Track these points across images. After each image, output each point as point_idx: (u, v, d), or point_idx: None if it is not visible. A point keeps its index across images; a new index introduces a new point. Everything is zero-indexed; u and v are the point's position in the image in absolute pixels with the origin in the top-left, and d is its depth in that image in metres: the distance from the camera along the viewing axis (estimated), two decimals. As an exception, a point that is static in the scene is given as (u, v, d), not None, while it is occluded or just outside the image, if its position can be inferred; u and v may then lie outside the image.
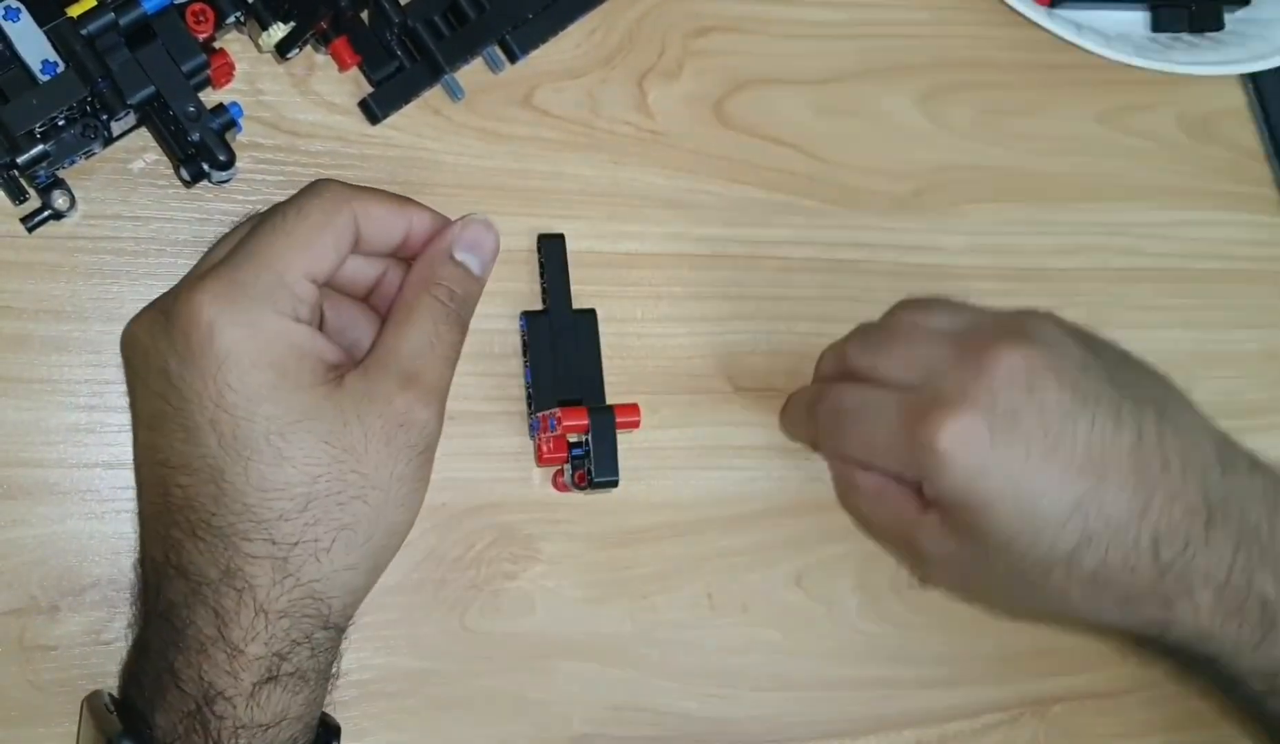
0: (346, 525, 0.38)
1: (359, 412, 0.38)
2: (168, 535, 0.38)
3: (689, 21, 0.52)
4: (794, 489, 0.52)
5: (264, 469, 0.37)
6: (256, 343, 0.37)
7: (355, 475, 0.38)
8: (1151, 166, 0.59)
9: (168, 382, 0.38)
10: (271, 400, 0.37)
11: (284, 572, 0.37)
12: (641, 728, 0.49)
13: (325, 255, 0.39)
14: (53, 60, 0.40)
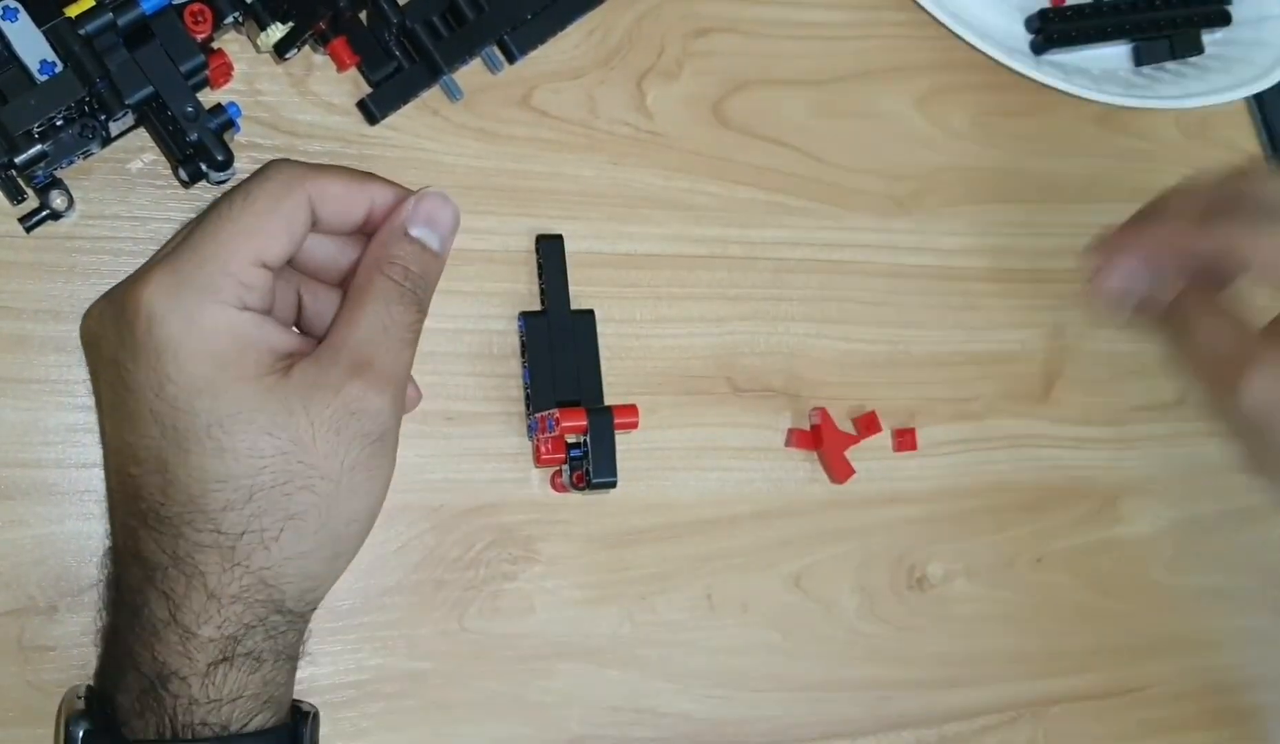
0: (294, 515, 0.37)
1: (305, 402, 0.37)
2: (125, 522, 0.39)
3: (688, 22, 0.52)
4: (793, 490, 0.52)
5: (205, 461, 0.37)
6: (196, 334, 0.37)
7: (301, 465, 0.37)
8: (1150, 167, 0.59)
9: (117, 372, 0.38)
10: (210, 393, 0.37)
11: (232, 560, 0.37)
12: (640, 729, 0.49)
13: (275, 240, 0.38)
14: (51, 60, 0.40)
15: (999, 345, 0.56)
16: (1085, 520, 0.56)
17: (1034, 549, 0.56)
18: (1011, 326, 0.55)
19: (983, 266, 0.55)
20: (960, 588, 0.54)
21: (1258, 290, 0.46)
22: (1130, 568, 0.57)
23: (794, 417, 0.52)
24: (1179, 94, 0.57)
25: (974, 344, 0.55)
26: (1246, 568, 0.59)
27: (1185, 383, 0.51)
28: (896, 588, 0.53)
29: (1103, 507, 0.56)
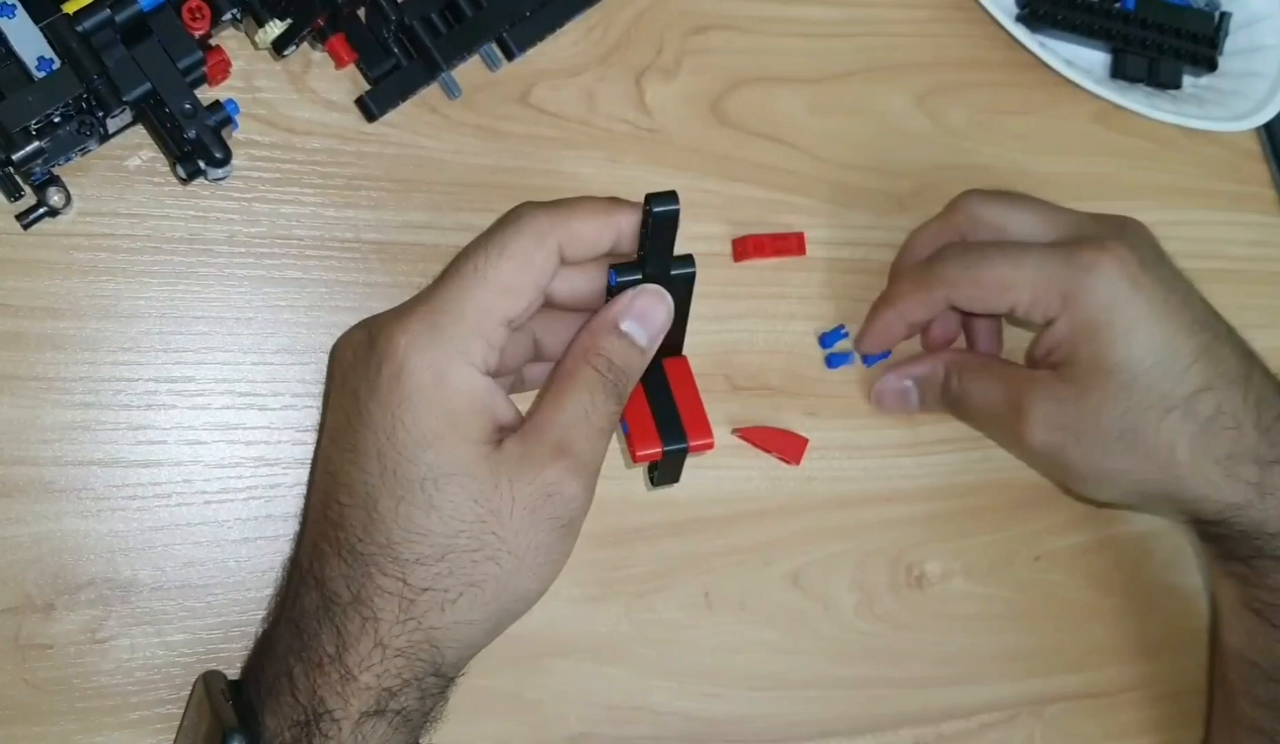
0: (475, 582, 0.39)
1: (511, 476, 0.39)
2: (317, 545, 0.39)
3: (687, 19, 0.52)
4: (791, 488, 0.52)
5: (413, 511, 0.38)
6: (439, 390, 0.38)
7: (494, 537, 0.39)
8: (1149, 166, 0.59)
9: (355, 401, 0.39)
10: (436, 448, 0.38)
11: (409, 613, 0.38)
12: (638, 727, 0.49)
13: (525, 297, 0.40)
14: (48, 57, 0.40)
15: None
16: (1083, 519, 0.56)
17: (1032, 547, 0.56)
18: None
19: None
20: (958, 586, 0.54)
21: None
22: (1128, 566, 0.57)
23: (795, 415, 0.52)
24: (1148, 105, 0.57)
25: (973, 342, 0.55)
26: (1245, 567, 0.59)
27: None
28: (895, 586, 0.53)
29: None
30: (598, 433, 0.40)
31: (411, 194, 0.47)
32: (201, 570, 0.44)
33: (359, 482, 0.38)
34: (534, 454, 0.39)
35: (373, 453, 0.38)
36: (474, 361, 0.38)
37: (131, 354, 0.44)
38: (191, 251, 0.45)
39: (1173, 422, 0.46)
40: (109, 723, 0.43)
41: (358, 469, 0.38)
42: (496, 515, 0.38)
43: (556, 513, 0.39)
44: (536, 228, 0.40)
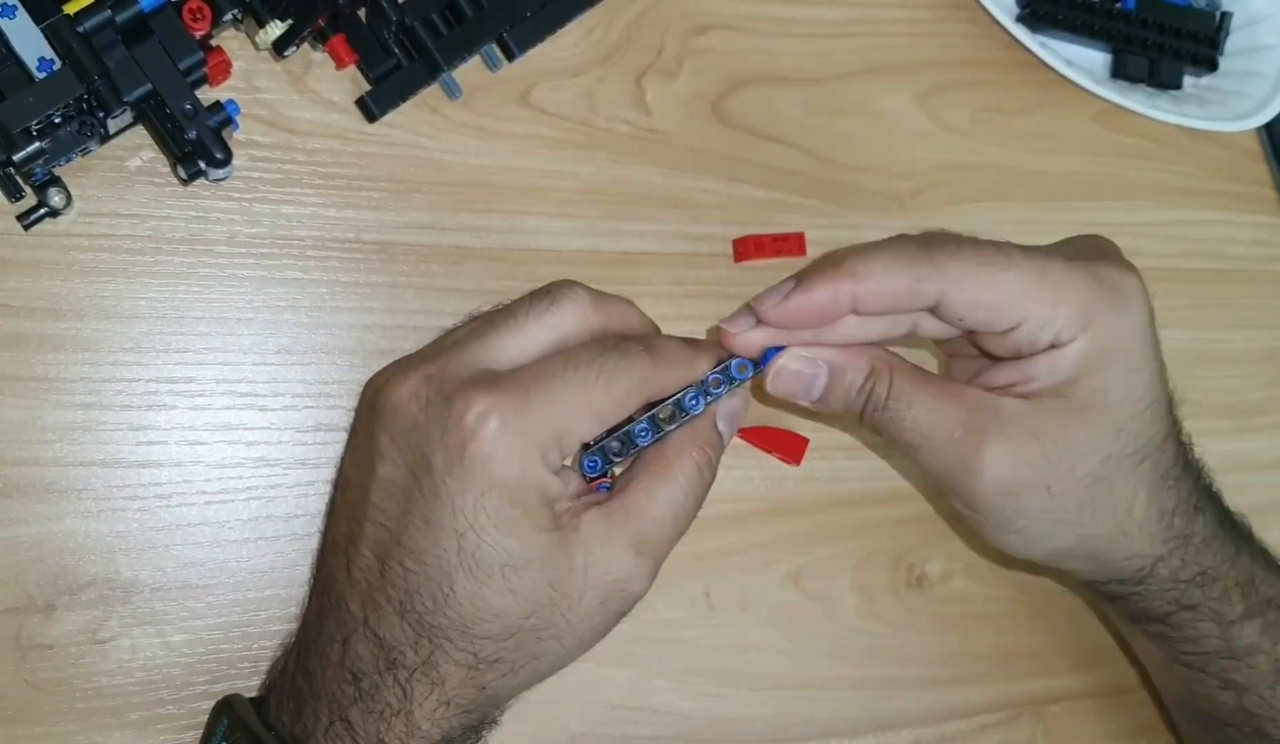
0: (537, 656, 0.40)
1: (588, 562, 0.39)
2: (372, 599, 0.39)
3: (687, 20, 0.52)
4: (792, 488, 0.52)
5: (491, 595, 0.38)
6: (522, 484, 0.38)
7: (562, 619, 0.39)
8: (1149, 166, 0.59)
9: (426, 469, 0.38)
10: (516, 536, 0.38)
11: (475, 681, 0.39)
12: (639, 727, 0.49)
13: (602, 427, 0.40)
14: (49, 57, 0.40)
15: (999, 344, 0.55)
16: (1084, 519, 0.56)
17: (1033, 548, 0.56)
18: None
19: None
20: (959, 586, 0.54)
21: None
22: (1129, 566, 0.57)
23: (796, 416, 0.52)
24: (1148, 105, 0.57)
25: (974, 342, 0.55)
26: (1246, 567, 0.59)
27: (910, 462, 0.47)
28: (896, 586, 0.53)
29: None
30: (677, 532, 0.41)
31: (412, 194, 0.47)
32: (202, 571, 0.44)
33: (432, 555, 0.38)
34: (617, 543, 0.39)
35: (450, 531, 0.38)
36: (549, 464, 0.38)
37: (132, 354, 0.44)
38: (192, 252, 0.45)
39: (1143, 472, 0.42)
40: (109, 723, 0.43)
41: (431, 542, 0.38)
42: (568, 599, 0.39)
43: (621, 606, 0.40)
44: (640, 372, 0.40)
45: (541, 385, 0.38)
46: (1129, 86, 0.58)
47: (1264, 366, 0.60)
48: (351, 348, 0.46)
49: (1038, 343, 0.41)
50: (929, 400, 0.41)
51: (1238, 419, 0.60)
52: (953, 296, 0.40)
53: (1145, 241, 0.58)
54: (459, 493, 0.37)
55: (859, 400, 0.42)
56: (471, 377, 0.38)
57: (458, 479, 0.37)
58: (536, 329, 0.40)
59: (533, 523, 0.38)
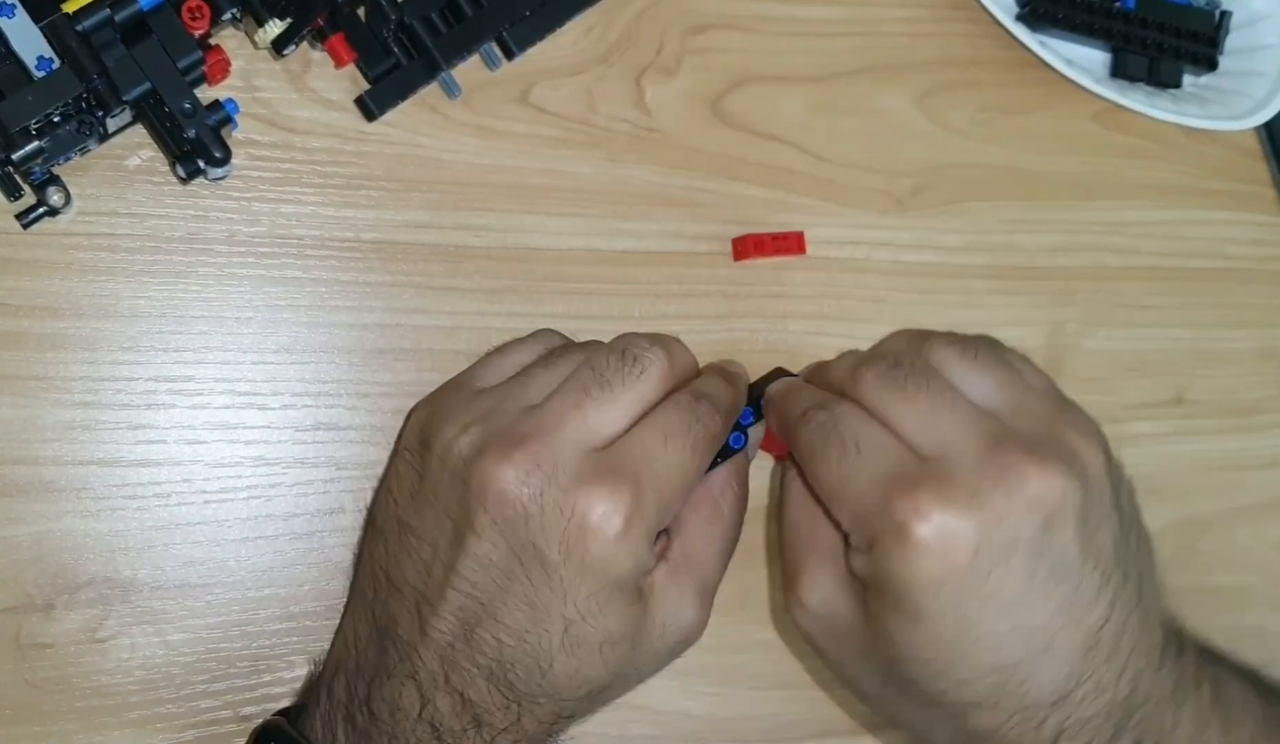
0: (606, 700, 0.42)
1: (664, 620, 0.41)
2: (455, 660, 0.39)
3: (687, 19, 0.52)
4: (791, 487, 0.52)
5: (586, 669, 0.39)
6: (627, 573, 0.39)
7: (635, 672, 0.42)
8: (1149, 165, 0.59)
9: (537, 558, 0.38)
10: (614, 615, 0.39)
11: (551, 728, 0.41)
12: (638, 726, 0.49)
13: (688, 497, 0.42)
14: (48, 56, 0.40)
15: (998, 343, 0.55)
16: (1084, 518, 0.56)
17: (1033, 547, 0.56)
18: (1011, 324, 0.55)
19: (982, 264, 0.55)
20: None
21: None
22: (1129, 566, 0.57)
23: (793, 414, 0.52)
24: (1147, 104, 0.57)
25: (973, 342, 0.55)
26: (1244, 567, 0.59)
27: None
28: (895, 586, 0.53)
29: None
30: (726, 567, 0.44)
31: (411, 193, 0.47)
32: (201, 570, 0.44)
33: (532, 636, 0.38)
34: (687, 598, 0.41)
35: (559, 616, 0.38)
36: (652, 544, 0.40)
37: (131, 353, 0.44)
38: (191, 251, 0.45)
39: (933, 715, 0.41)
40: (109, 722, 0.43)
41: (533, 624, 0.38)
42: (644, 656, 0.41)
43: (681, 651, 0.43)
44: (716, 433, 0.42)
45: (650, 471, 0.39)
46: (1128, 86, 0.58)
47: (1263, 365, 0.60)
48: (350, 347, 0.46)
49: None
50: (798, 507, 0.45)
51: (1237, 418, 0.59)
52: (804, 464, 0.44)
53: (1145, 241, 0.58)
54: (575, 586, 0.38)
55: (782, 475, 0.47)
56: (583, 464, 0.38)
57: (576, 573, 0.38)
58: (629, 397, 0.41)
59: (627, 598, 0.39)
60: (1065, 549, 0.37)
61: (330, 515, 0.46)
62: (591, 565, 0.38)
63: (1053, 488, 0.36)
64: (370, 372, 0.46)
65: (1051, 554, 0.37)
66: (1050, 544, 0.37)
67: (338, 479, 0.46)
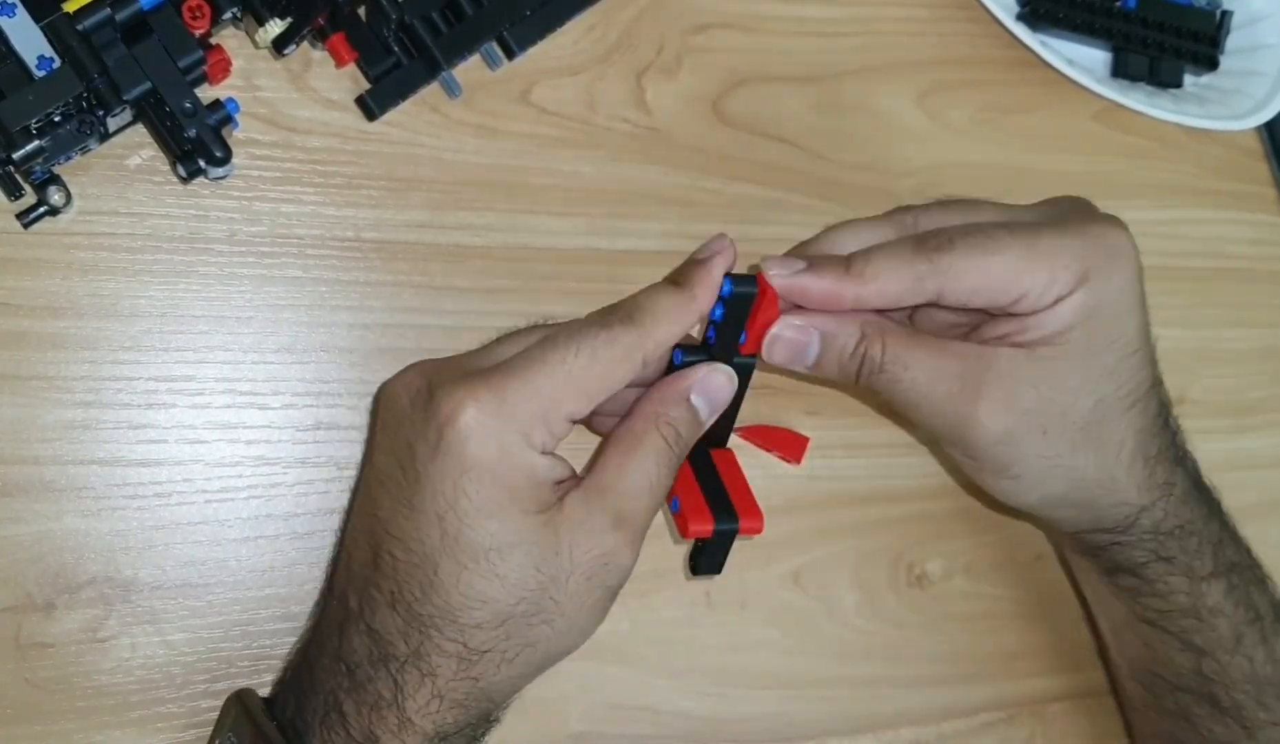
0: (531, 643, 0.39)
1: (572, 542, 0.39)
2: (367, 591, 0.39)
3: (687, 18, 0.52)
4: (792, 487, 0.52)
5: (476, 580, 0.38)
6: (502, 465, 0.38)
7: (551, 602, 0.39)
8: (1150, 165, 0.59)
9: (411, 457, 0.38)
10: (499, 518, 0.38)
11: (467, 672, 0.39)
12: (639, 726, 0.49)
13: (593, 402, 0.39)
14: (49, 56, 0.40)
15: (999, 343, 0.55)
16: (1085, 518, 0.56)
17: (1033, 546, 0.56)
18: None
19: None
20: (960, 585, 0.54)
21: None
22: (1129, 565, 0.57)
23: (797, 414, 0.52)
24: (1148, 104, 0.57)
25: (974, 341, 0.55)
26: (1246, 566, 0.59)
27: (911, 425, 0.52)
28: (896, 585, 0.53)
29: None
30: (656, 504, 0.41)
31: (412, 193, 0.47)
32: (202, 569, 0.44)
33: (416, 541, 0.38)
34: (596, 521, 0.39)
35: (433, 516, 0.38)
36: (534, 445, 0.38)
37: (132, 353, 0.44)
38: (192, 250, 0.45)
39: (1132, 417, 0.44)
40: (109, 722, 0.43)
41: (415, 528, 0.38)
42: (555, 581, 0.39)
43: (609, 580, 0.40)
44: (625, 341, 0.39)
45: (520, 368, 0.39)
46: (1129, 85, 0.58)
47: (1264, 365, 0.60)
48: (351, 346, 0.46)
49: (1041, 305, 0.42)
50: (925, 359, 0.43)
51: (1237, 418, 0.60)
52: (952, 288, 0.42)
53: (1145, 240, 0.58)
54: (439, 477, 0.38)
55: (853, 364, 0.43)
56: (464, 369, 0.39)
57: (438, 465, 0.38)
58: (532, 335, 0.41)
59: (518, 506, 0.38)
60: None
61: (331, 515, 0.46)
62: (446, 450, 0.37)
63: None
64: (371, 371, 0.46)
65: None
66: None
67: (339, 479, 0.46)
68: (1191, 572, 0.46)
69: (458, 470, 0.37)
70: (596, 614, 0.41)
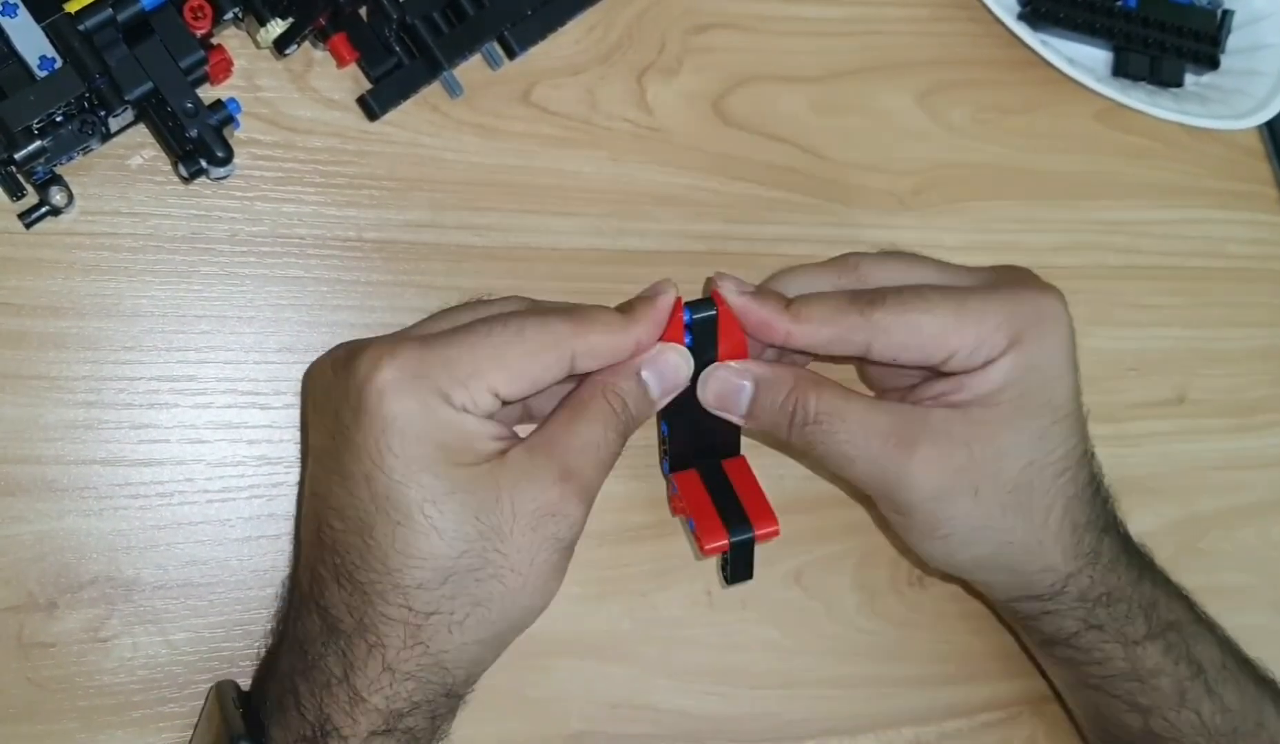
0: (481, 602, 0.38)
1: (514, 492, 0.38)
2: (314, 569, 0.39)
3: (688, 18, 0.52)
4: (792, 486, 0.52)
5: (411, 536, 0.37)
6: (425, 420, 0.37)
7: (498, 555, 0.38)
8: (1150, 164, 0.59)
9: (337, 424, 0.38)
10: (431, 471, 0.37)
11: (416, 638, 0.38)
12: (640, 726, 0.49)
13: (517, 383, 0.39)
14: (50, 56, 0.40)
15: (999, 342, 0.56)
16: (1085, 517, 0.56)
17: (1034, 546, 0.56)
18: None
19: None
20: (960, 584, 0.54)
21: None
22: (1130, 565, 0.57)
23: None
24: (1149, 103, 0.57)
25: (974, 341, 0.55)
26: (1246, 566, 0.59)
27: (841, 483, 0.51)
28: (896, 585, 0.53)
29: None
30: (601, 466, 0.40)
31: (413, 193, 0.47)
32: (204, 569, 0.44)
33: (350, 507, 0.38)
34: (541, 471, 0.39)
35: (361, 478, 0.37)
36: (455, 404, 0.38)
37: (134, 353, 0.44)
38: (193, 250, 0.45)
39: (1062, 484, 0.44)
40: (111, 722, 0.43)
41: (347, 494, 0.38)
42: (498, 532, 0.38)
43: (559, 533, 0.39)
44: (556, 330, 0.39)
45: (442, 336, 0.39)
46: (1130, 84, 0.58)
47: (1264, 365, 0.60)
48: (353, 346, 0.46)
49: (971, 365, 0.43)
50: (860, 415, 0.43)
51: (1238, 418, 0.60)
52: (881, 342, 0.43)
53: (1145, 240, 0.58)
54: (363, 438, 0.37)
55: (783, 416, 0.44)
56: (384, 339, 0.39)
57: (360, 426, 0.37)
58: (468, 311, 0.41)
59: (449, 458, 0.37)
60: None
61: (332, 514, 0.46)
62: (366, 408, 0.37)
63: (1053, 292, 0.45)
64: (372, 371, 0.46)
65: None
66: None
67: (340, 478, 0.46)
68: (1124, 637, 0.46)
69: (379, 428, 0.37)
70: (549, 573, 0.39)
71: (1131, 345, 0.58)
